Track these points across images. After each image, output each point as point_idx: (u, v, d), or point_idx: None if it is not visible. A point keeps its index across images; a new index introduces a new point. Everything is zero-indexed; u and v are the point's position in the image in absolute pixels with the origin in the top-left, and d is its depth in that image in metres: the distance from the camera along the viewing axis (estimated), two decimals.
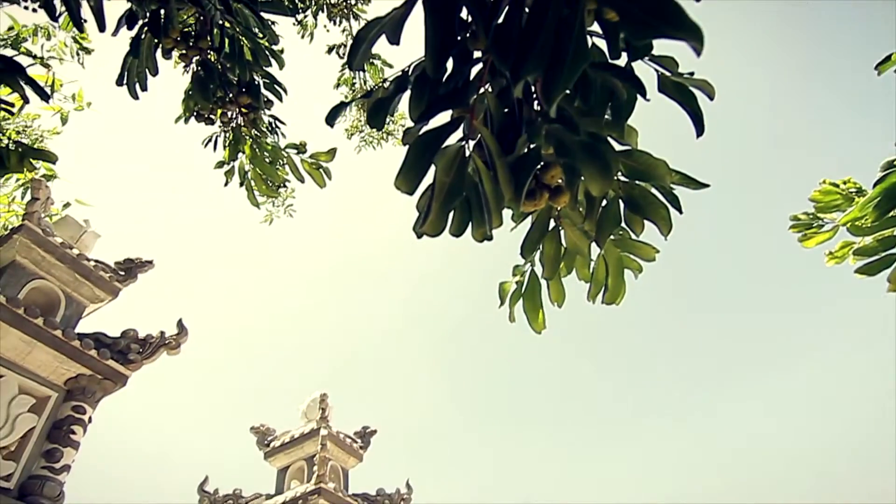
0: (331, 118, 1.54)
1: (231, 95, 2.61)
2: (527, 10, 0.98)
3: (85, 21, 2.55)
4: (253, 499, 7.06)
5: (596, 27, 1.21)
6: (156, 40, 2.58)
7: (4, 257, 4.65)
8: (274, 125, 3.02)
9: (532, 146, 1.20)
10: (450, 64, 1.27)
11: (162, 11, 2.48)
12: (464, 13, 1.16)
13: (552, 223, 1.53)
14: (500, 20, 1.02)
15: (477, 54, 1.27)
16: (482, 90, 1.23)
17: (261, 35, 2.79)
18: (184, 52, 2.64)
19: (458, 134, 1.18)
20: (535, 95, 1.30)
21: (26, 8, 4.80)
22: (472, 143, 1.16)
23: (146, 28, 2.48)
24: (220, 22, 2.61)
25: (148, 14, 2.47)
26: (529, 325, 1.68)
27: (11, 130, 6.62)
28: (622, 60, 1.31)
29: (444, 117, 1.20)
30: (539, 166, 1.23)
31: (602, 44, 1.39)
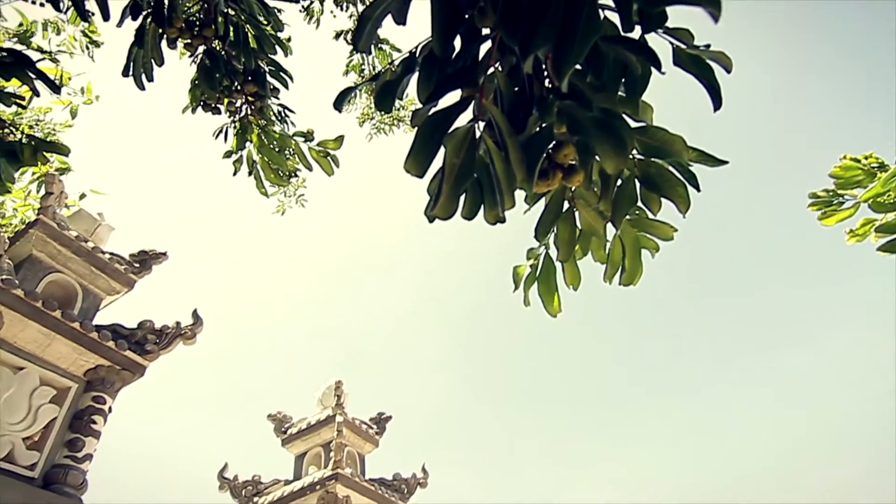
0: (338, 103, 1.51)
1: (237, 84, 2.59)
2: None
3: (91, 14, 2.54)
4: (272, 484, 7.18)
5: None
6: (160, 30, 2.56)
7: (21, 252, 4.71)
8: (284, 114, 3.00)
9: (544, 124, 1.17)
10: (458, 42, 1.23)
11: (165, 1, 2.46)
12: None
13: (566, 204, 1.50)
14: None
15: (485, 31, 1.23)
16: (491, 68, 1.19)
17: (265, 22, 2.76)
18: (188, 41, 2.62)
19: (469, 114, 1.16)
20: (545, 72, 1.26)
21: (34, 2, 4.79)
22: (482, 123, 1.13)
23: (150, 18, 2.46)
24: (224, 10, 2.58)
25: (152, 4, 2.45)
26: (545, 309, 1.65)
27: (24, 125, 6.67)
28: (636, 33, 1.27)
29: (453, 98, 1.17)
30: (551, 145, 1.19)
31: (614, 17, 1.35)
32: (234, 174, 2.92)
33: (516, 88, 1.21)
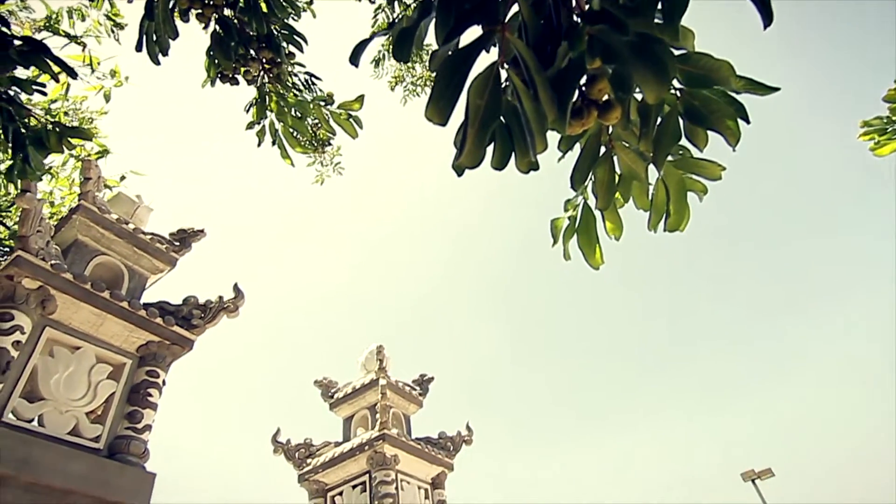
0: (354, 57, 1.43)
1: (252, 52, 2.52)
2: None
3: None
4: (323, 446, 7.44)
5: None
6: (171, 2, 2.50)
7: (68, 237, 4.86)
8: (310, 82, 2.92)
9: (574, 57, 1.06)
10: None
11: None
12: None
13: (603, 148, 1.39)
14: None
15: None
16: None
17: None
18: (200, 11, 2.55)
19: (492, 53, 1.06)
20: None
21: None
22: (506, 61, 1.03)
23: None
24: None
25: None
26: (586, 262, 1.57)
27: (60, 112, 6.80)
28: None
29: (473, 35, 1.07)
30: (584, 79, 1.09)
31: None
32: (259, 145, 2.88)
33: (542, 20, 1.10)
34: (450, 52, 0.98)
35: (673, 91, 1.27)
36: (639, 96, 1.30)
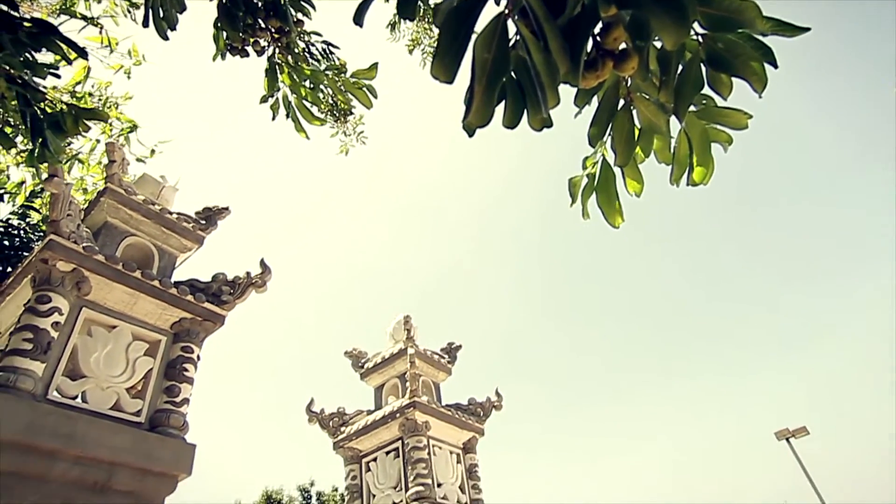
0: (358, 17, 1.39)
1: (260, 21, 2.48)
2: None
3: None
4: (356, 415, 7.64)
5: None
6: None
7: (97, 220, 4.98)
8: (326, 50, 2.86)
9: (587, 3, 1.00)
10: None
11: None
12: None
13: (622, 101, 1.33)
14: None
15: None
16: None
17: None
18: None
19: (499, 6, 1.01)
20: None
21: None
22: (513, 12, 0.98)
23: None
24: None
25: None
26: (606, 221, 1.52)
27: (84, 94, 6.88)
28: None
29: None
30: (598, 28, 1.03)
31: None
32: (273, 119, 2.86)
33: None
34: (454, 5, 0.93)
35: (694, 36, 1.20)
36: (657, 44, 1.22)
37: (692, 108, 1.32)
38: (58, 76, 2.37)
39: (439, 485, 6.58)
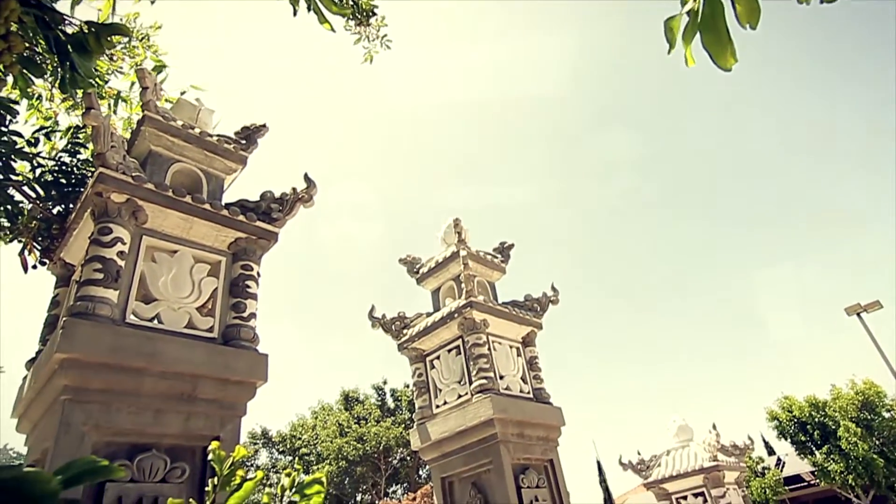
0: None
1: None
2: None
3: None
4: (416, 318, 7.90)
5: None
6: None
7: (142, 150, 5.02)
8: None
9: None
10: None
11: None
12: None
13: None
14: None
15: None
16: None
17: None
18: None
19: None
20: None
21: None
22: None
23: None
24: None
25: None
26: (714, 63, 1.25)
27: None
28: None
29: None
30: None
31: None
32: (294, 14, 2.65)
33: None
34: None
35: None
36: None
37: None
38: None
39: (501, 377, 6.83)
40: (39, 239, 4.89)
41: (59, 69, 2.46)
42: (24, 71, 2.63)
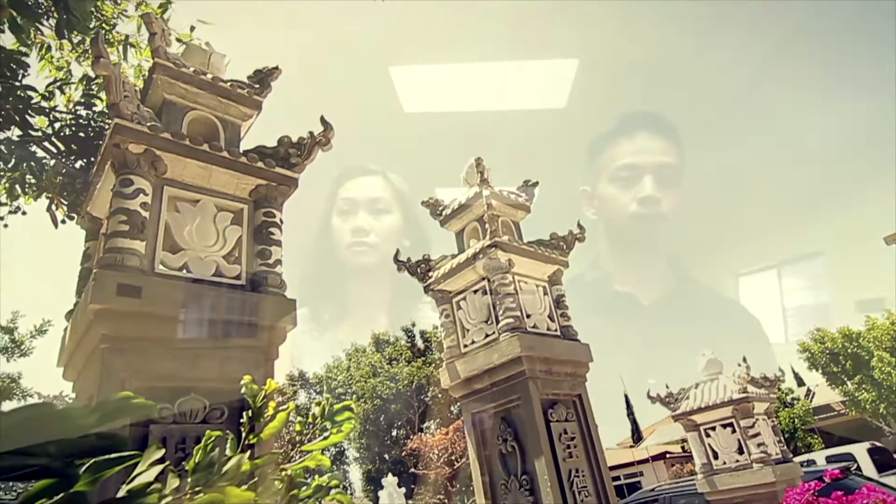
0: None
1: None
2: None
3: None
4: (441, 260, 7.88)
5: None
6: None
7: (156, 99, 4.94)
8: None
9: None
10: None
11: None
12: None
13: None
14: None
15: None
16: None
17: None
18: None
19: None
20: None
21: None
22: None
23: None
24: None
25: None
26: None
27: None
28: None
29: None
30: None
31: None
32: None
33: None
34: None
35: None
36: None
37: None
38: None
39: (528, 315, 6.84)
40: (65, 194, 4.94)
41: (53, 12, 2.36)
42: (16, 15, 2.54)
